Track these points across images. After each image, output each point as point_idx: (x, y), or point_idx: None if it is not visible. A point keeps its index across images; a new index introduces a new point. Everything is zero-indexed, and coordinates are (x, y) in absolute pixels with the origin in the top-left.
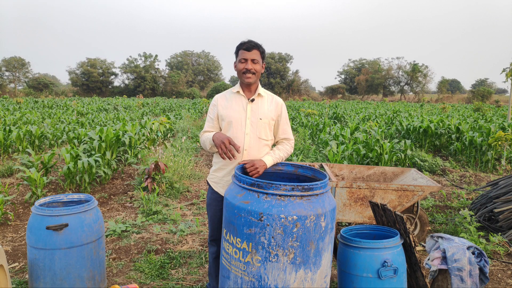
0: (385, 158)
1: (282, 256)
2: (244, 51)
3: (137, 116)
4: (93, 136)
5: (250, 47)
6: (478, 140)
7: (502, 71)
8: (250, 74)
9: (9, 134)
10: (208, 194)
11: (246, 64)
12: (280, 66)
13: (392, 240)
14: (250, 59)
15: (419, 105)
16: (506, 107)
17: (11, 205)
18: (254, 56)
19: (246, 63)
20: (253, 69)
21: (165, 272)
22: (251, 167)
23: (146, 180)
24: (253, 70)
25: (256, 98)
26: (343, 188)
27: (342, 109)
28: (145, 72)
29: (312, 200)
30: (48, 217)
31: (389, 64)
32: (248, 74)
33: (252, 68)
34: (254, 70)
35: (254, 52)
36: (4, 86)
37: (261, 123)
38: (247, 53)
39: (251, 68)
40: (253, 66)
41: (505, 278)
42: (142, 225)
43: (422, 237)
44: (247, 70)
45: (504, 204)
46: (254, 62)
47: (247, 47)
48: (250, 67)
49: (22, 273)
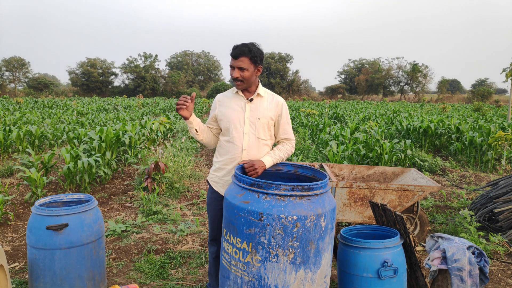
0: (385, 158)
1: (282, 256)
2: (232, 58)
3: (137, 116)
4: (93, 136)
5: (236, 55)
6: (478, 140)
7: (502, 71)
8: (238, 82)
9: (9, 134)
10: (208, 194)
11: (234, 71)
12: (280, 66)
13: (392, 240)
14: (237, 67)
15: (419, 105)
16: (506, 107)
17: (11, 205)
18: (241, 63)
19: (233, 70)
20: (239, 76)
21: (165, 272)
22: (250, 168)
23: (146, 180)
24: (241, 78)
25: (255, 98)
26: (343, 188)
27: (342, 109)
28: (145, 72)
29: (312, 200)
30: (48, 217)
31: (389, 64)
32: (237, 82)
33: (239, 76)
34: (241, 78)
35: (241, 60)
36: (4, 86)
37: (260, 123)
38: (234, 60)
39: (237, 76)
40: (240, 74)
41: (505, 278)
42: (142, 225)
43: (422, 237)
44: (235, 78)
45: (504, 204)
46: (241, 70)
47: (234, 55)
48: (236, 75)
49: (22, 273)
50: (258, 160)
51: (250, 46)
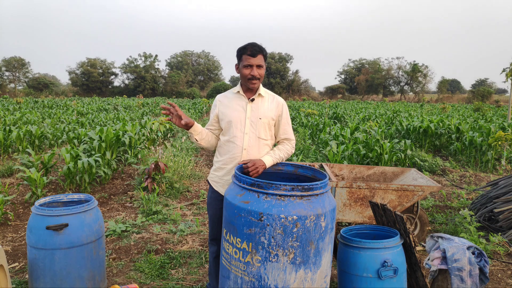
0: (385, 158)
1: (282, 256)
2: (249, 56)
3: (137, 116)
4: (93, 136)
5: (255, 53)
6: (478, 140)
7: (502, 71)
8: (256, 80)
9: (9, 134)
10: (208, 194)
11: (252, 70)
12: (280, 66)
13: (392, 240)
14: (255, 65)
15: (419, 105)
16: (506, 107)
17: (11, 205)
18: (259, 61)
19: (251, 69)
20: (258, 75)
21: (165, 272)
22: (251, 167)
23: (146, 180)
24: (258, 76)
25: (256, 98)
26: (343, 188)
27: (342, 109)
28: (145, 72)
29: (312, 200)
30: (48, 217)
31: (389, 64)
32: (254, 80)
33: (257, 74)
34: (259, 76)
35: (259, 58)
36: (4, 86)
37: (260, 122)
38: (252, 59)
39: (257, 74)
40: (259, 72)
41: (505, 278)
42: (142, 225)
43: (422, 237)
44: (253, 77)
45: (504, 204)
46: (259, 68)
47: (252, 53)
48: (256, 74)
49: (22, 273)
50: (258, 160)
51: (260, 45)
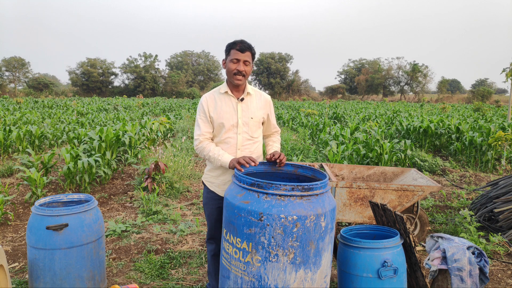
0: (385, 158)
1: (282, 256)
2: (237, 51)
3: (137, 116)
4: (93, 136)
5: (243, 48)
6: (478, 140)
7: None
8: (241, 76)
9: (9, 134)
10: (204, 194)
11: (238, 65)
12: (280, 66)
13: (392, 240)
14: (243, 60)
15: (419, 105)
16: (506, 107)
17: (11, 205)
18: (247, 57)
19: (238, 63)
20: (244, 71)
21: (165, 272)
22: (282, 158)
23: (146, 180)
24: (244, 72)
25: (245, 97)
26: (343, 188)
27: (342, 109)
28: (145, 72)
29: (312, 200)
30: (48, 217)
31: (389, 64)
32: (239, 76)
33: (243, 70)
34: (244, 72)
35: (246, 54)
36: (4, 86)
37: (252, 122)
38: (240, 54)
39: (243, 70)
40: (245, 68)
41: (505, 278)
42: (142, 225)
43: (422, 237)
44: (238, 72)
45: (504, 204)
46: (246, 64)
47: (241, 48)
48: (242, 69)
49: (22, 273)
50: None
51: (250, 43)
